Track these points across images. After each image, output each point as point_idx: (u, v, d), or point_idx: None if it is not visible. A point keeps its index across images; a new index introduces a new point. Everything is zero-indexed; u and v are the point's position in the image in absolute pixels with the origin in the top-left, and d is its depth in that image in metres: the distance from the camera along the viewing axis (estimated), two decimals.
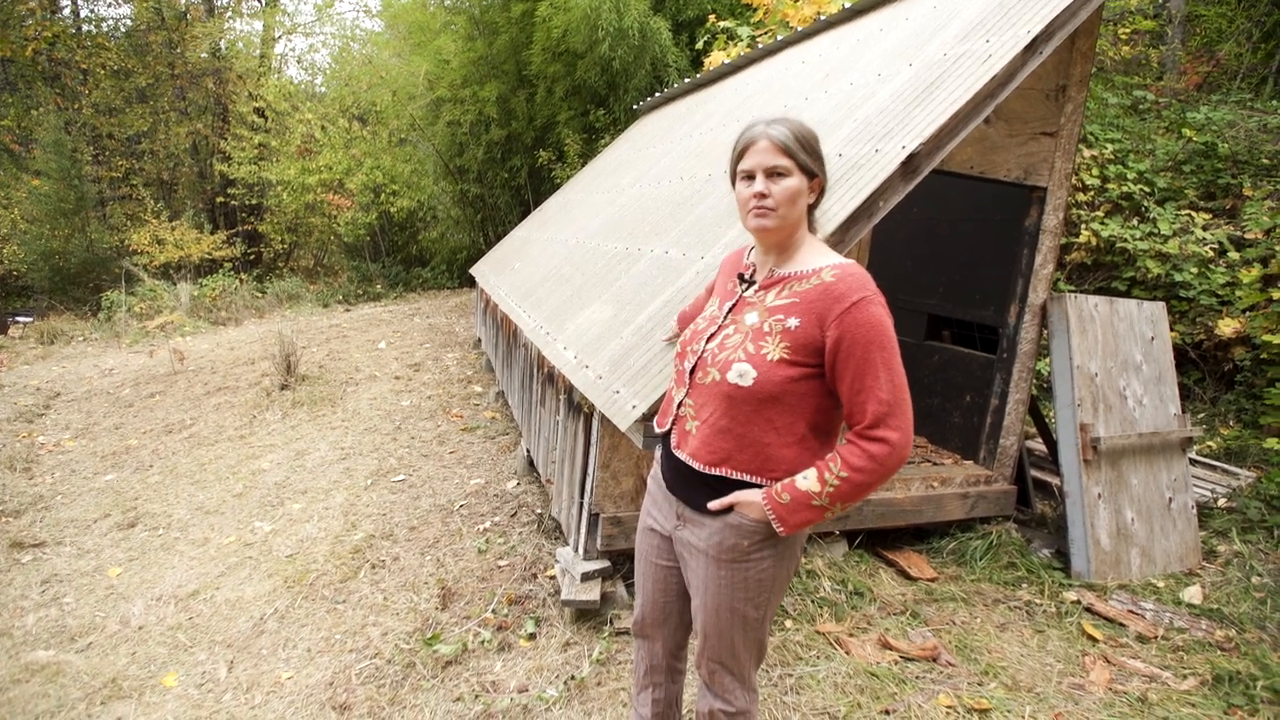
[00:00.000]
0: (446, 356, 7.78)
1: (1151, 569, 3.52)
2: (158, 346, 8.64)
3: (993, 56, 2.79)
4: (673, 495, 1.68)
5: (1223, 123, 6.99)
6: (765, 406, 1.46)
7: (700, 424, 1.55)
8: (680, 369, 1.66)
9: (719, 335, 1.57)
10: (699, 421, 1.56)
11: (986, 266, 4.23)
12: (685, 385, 1.62)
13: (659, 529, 1.75)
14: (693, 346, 1.63)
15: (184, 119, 16.20)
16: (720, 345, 1.54)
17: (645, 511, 1.82)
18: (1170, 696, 2.54)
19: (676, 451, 1.62)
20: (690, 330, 1.69)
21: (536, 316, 4.09)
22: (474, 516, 3.93)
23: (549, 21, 9.57)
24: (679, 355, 1.68)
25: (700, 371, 1.56)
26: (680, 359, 1.67)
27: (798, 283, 1.49)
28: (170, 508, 4.44)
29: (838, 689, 2.49)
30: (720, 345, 1.54)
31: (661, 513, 1.74)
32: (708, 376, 1.53)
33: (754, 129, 1.51)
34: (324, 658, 2.82)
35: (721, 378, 1.49)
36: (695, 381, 1.58)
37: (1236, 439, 4.89)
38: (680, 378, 1.66)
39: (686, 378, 1.62)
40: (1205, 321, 5.46)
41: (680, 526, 1.67)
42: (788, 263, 1.55)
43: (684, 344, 1.67)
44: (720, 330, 1.58)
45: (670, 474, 1.68)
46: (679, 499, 1.66)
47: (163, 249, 13.52)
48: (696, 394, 1.57)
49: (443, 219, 14.09)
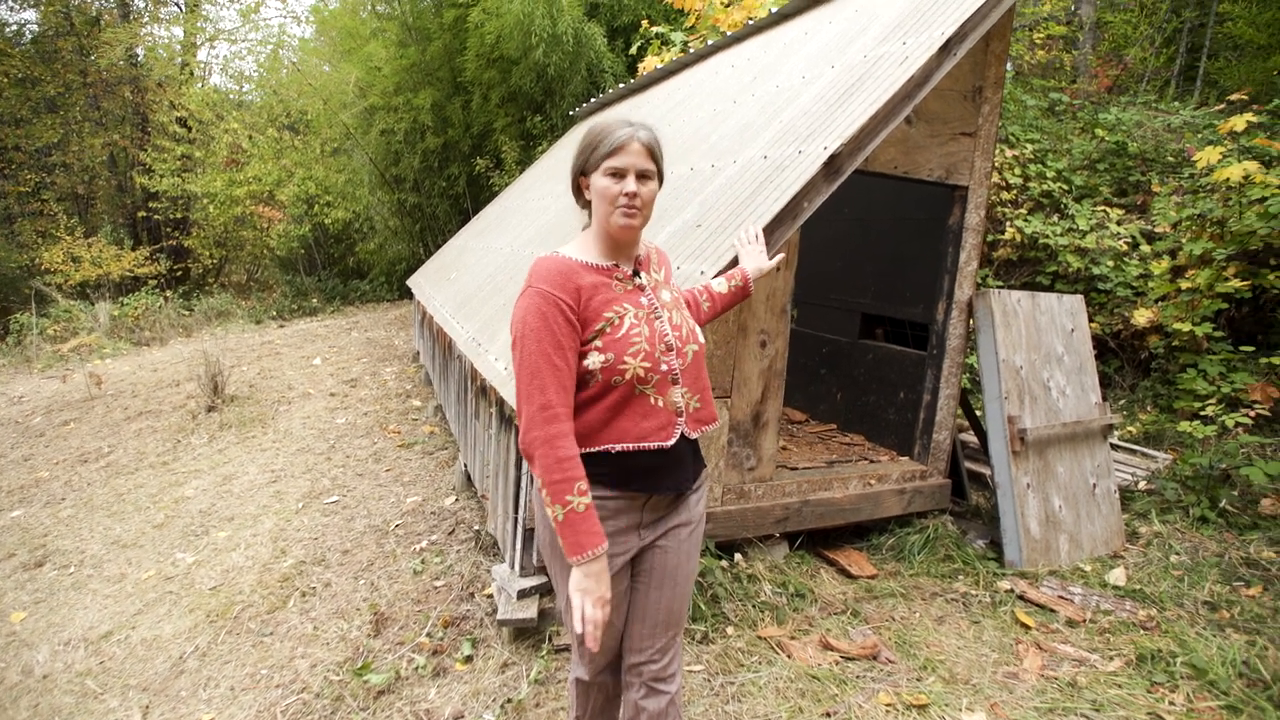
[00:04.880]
0: (385, 371, 7.56)
1: (1079, 554, 3.63)
2: (72, 371, 8.15)
3: (909, 58, 2.85)
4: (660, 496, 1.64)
5: (1131, 123, 7.35)
6: None
7: (700, 394, 1.69)
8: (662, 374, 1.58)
9: (665, 323, 1.63)
10: (699, 394, 1.69)
11: (915, 265, 4.32)
12: (678, 383, 1.63)
13: (621, 558, 1.63)
14: (660, 349, 1.57)
15: (99, 129, 15.36)
16: (674, 327, 1.64)
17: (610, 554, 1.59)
18: (1098, 679, 2.61)
19: (692, 435, 1.67)
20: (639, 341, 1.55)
21: (469, 328, 3.99)
22: (410, 536, 3.80)
23: (482, 28, 9.44)
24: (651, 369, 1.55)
25: (681, 359, 1.63)
26: (655, 370, 1.56)
27: (652, 257, 1.77)
28: (83, 543, 4.16)
29: (779, 694, 2.48)
30: (674, 327, 1.64)
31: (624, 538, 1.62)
32: (689, 356, 1.65)
33: (622, 130, 1.55)
34: (248, 696, 2.67)
35: (698, 344, 1.69)
36: (682, 370, 1.64)
37: (1154, 423, 5.12)
38: (664, 385, 1.58)
39: (678, 374, 1.62)
40: (1122, 312, 5.72)
41: (654, 526, 1.67)
42: (638, 249, 1.73)
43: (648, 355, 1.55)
44: (666, 318, 1.64)
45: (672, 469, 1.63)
46: (671, 493, 1.65)
47: (79, 267, 12.79)
48: (688, 377, 1.66)
49: (380, 230, 13.75)
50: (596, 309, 1.53)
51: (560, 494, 1.45)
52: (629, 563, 1.68)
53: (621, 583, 1.67)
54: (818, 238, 5.14)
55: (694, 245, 2.73)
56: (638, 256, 1.71)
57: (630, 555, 1.66)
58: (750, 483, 3.35)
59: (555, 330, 1.48)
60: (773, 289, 3.23)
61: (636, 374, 1.53)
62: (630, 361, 1.52)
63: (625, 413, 1.55)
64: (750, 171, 2.95)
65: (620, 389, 1.54)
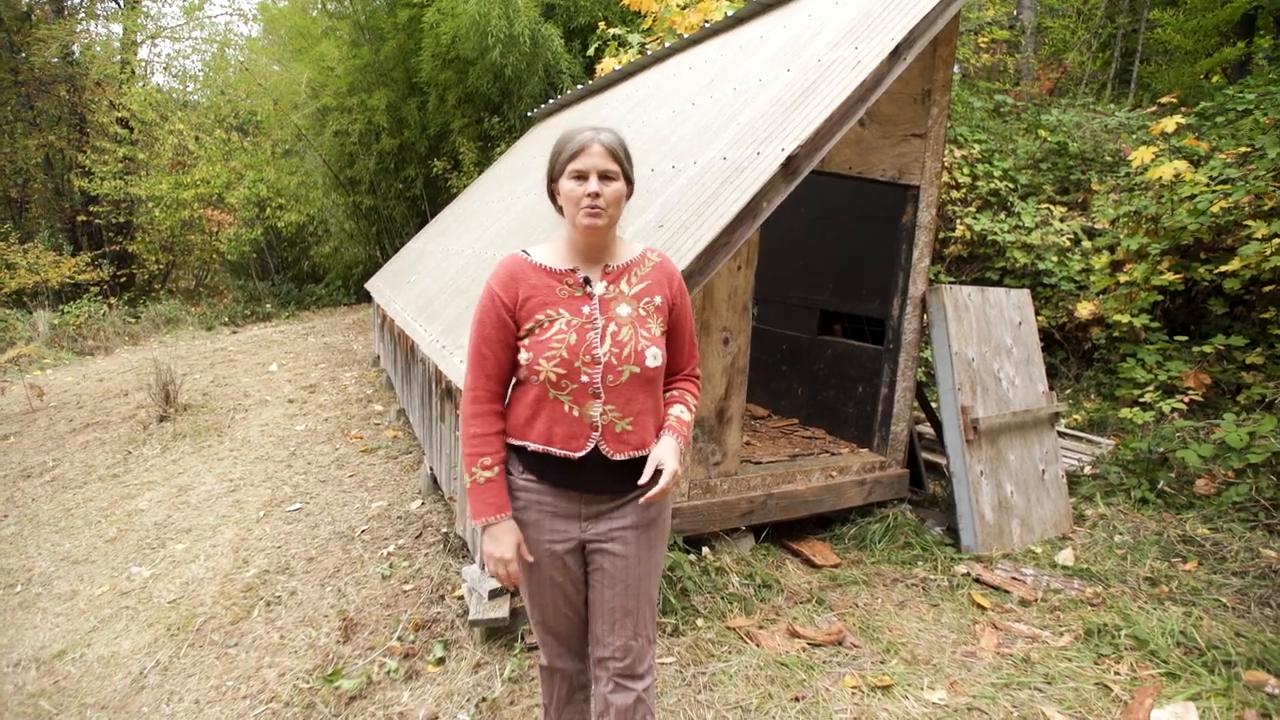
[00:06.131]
0: (344, 376, 7.44)
1: (1030, 537, 3.79)
2: (11, 383, 7.81)
3: (861, 63, 2.94)
4: (591, 495, 1.67)
5: (1071, 124, 7.67)
6: (659, 375, 1.69)
7: (633, 419, 1.64)
8: (580, 385, 1.59)
9: (605, 336, 1.60)
10: (630, 417, 1.64)
11: (870, 262, 4.45)
12: (599, 397, 1.60)
13: (559, 544, 1.70)
14: (582, 360, 1.57)
15: (33, 130, 14.70)
16: (615, 343, 1.61)
17: (535, 540, 1.69)
18: (1050, 654, 2.74)
19: (614, 457, 1.63)
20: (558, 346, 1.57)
21: (433, 330, 3.97)
22: (377, 541, 3.77)
23: (437, 28, 9.34)
24: (565, 375, 1.58)
25: (612, 375, 1.60)
26: (572, 378, 1.58)
27: (639, 267, 1.70)
28: (30, 560, 4.02)
29: (749, 682, 2.55)
30: (615, 343, 1.61)
31: (560, 526, 1.69)
32: (623, 375, 1.61)
33: (583, 134, 1.60)
34: (214, 708, 2.63)
35: (641, 368, 1.62)
36: (609, 386, 1.60)
37: (1098, 411, 5.36)
38: (581, 396, 1.59)
39: (600, 389, 1.59)
40: (1066, 305, 5.97)
41: (596, 521, 1.69)
42: (617, 255, 1.70)
43: (563, 361, 1.57)
44: (604, 332, 1.61)
45: (590, 477, 1.65)
46: (605, 495, 1.68)
47: (14, 274, 12.23)
48: (616, 396, 1.61)
49: (336, 233, 13.47)
50: (530, 310, 1.61)
51: (469, 465, 1.65)
52: (579, 553, 1.73)
53: (568, 571, 1.73)
54: (777, 237, 5.24)
55: (657, 246, 2.77)
56: (611, 265, 1.67)
57: (572, 545, 1.71)
58: (716, 477, 3.42)
59: (488, 324, 1.64)
60: (734, 287, 3.30)
61: (549, 378, 1.58)
62: (543, 365, 1.58)
63: (541, 414, 1.63)
64: (710, 172, 3.01)
65: (536, 389, 1.62)
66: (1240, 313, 5.32)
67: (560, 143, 1.64)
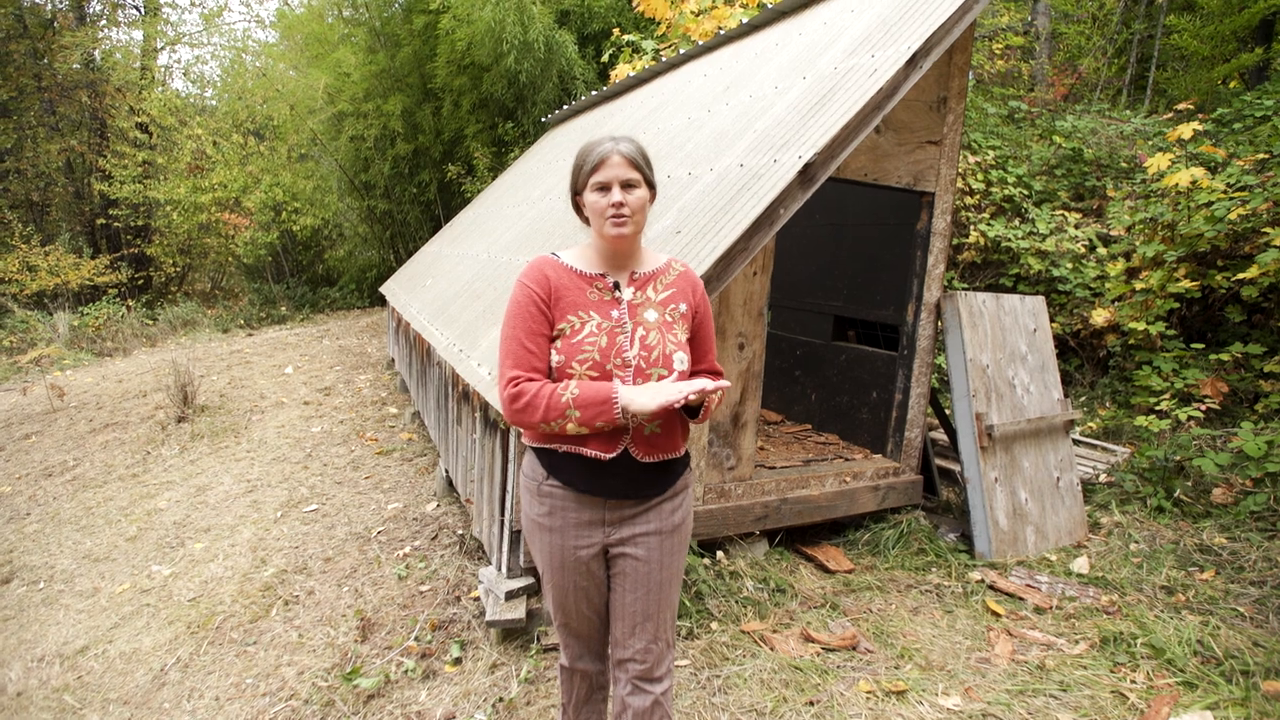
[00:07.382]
0: (359, 378, 7.50)
1: (1045, 544, 3.78)
2: (32, 383, 7.93)
3: (878, 71, 2.96)
4: (616, 500, 1.69)
5: (1086, 130, 7.64)
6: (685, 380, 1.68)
7: (662, 422, 1.67)
8: None
9: (634, 340, 1.64)
10: (660, 420, 1.67)
11: (885, 269, 4.45)
12: None
13: (584, 550, 1.71)
14: (613, 363, 1.61)
15: (55, 135, 14.93)
16: (644, 347, 1.64)
17: (559, 546, 1.71)
18: (1065, 662, 2.74)
19: (643, 460, 1.66)
20: (590, 349, 1.61)
21: (449, 334, 4.01)
22: (393, 542, 3.80)
23: (452, 34, 9.44)
24: (598, 379, 1.60)
25: (641, 379, 1.63)
26: (600, 380, 1.60)
27: (664, 275, 1.75)
28: (52, 558, 4.08)
29: (764, 685, 2.56)
30: (644, 347, 1.64)
31: (585, 532, 1.70)
32: (652, 379, 1.63)
33: (603, 145, 1.63)
34: (234, 705, 2.66)
35: (669, 371, 1.64)
36: None
37: (1113, 418, 5.33)
38: None
39: None
40: (1081, 312, 5.94)
41: (620, 526, 1.71)
42: (643, 263, 1.75)
43: (596, 364, 1.60)
44: (633, 335, 1.64)
45: (616, 481, 1.67)
46: (630, 500, 1.69)
47: (35, 276, 12.41)
48: None
49: (350, 237, 13.60)
50: (562, 310, 1.64)
51: (560, 412, 1.55)
52: (602, 557, 1.75)
53: (592, 576, 1.75)
54: (791, 242, 5.26)
55: (673, 251, 2.80)
56: (638, 272, 1.72)
57: (597, 549, 1.72)
58: (730, 482, 3.43)
59: (529, 317, 1.63)
60: (750, 293, 3.32)
61: (582, 380, 1.60)
62: (576, 368, 1.60)
63: None
64: (727, 179, 3.03)
65: None
66: (1258, 320, 5.28)
67: (581, 156, 1.67)
